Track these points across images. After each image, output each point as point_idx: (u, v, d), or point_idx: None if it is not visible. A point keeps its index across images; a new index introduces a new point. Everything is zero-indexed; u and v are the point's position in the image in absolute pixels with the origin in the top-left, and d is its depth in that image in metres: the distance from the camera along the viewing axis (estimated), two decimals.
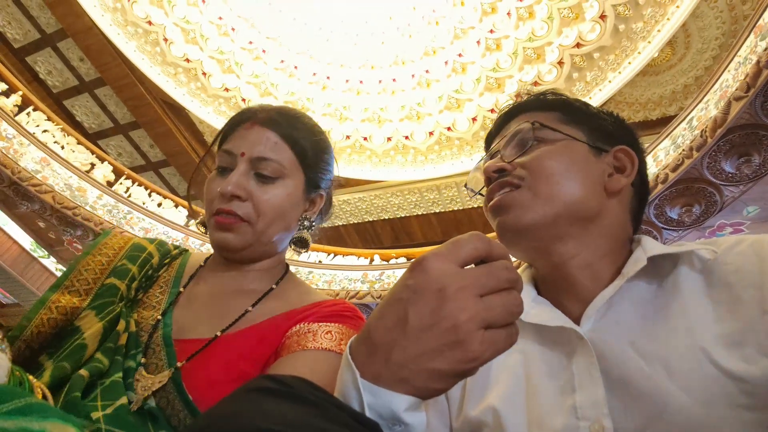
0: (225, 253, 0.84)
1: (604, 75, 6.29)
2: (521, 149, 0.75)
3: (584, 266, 0.69)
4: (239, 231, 0.80)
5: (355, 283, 5.92)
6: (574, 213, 0.69)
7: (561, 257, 0.70)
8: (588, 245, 0.70)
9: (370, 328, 0.44)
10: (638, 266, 0.64)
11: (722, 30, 6.41)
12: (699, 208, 4.19)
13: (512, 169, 0.72)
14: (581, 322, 0.65)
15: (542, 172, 0.70)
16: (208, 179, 0.86)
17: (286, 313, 0.78)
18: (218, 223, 0.80)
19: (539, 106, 0.80)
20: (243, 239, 0.81)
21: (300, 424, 0.35)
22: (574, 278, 0.70)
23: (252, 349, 0.72)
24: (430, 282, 0.41)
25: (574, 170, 0.71)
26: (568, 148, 0.73)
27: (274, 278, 0.88)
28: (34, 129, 5.55)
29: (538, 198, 0.69)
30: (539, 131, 0.75)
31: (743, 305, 0.57)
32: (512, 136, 0.77)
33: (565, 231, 0.69)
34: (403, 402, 0.41)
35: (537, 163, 0.71)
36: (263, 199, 0.81)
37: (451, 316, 0.40)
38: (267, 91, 7.34)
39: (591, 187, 0.70)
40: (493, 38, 6.39)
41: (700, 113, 4.11)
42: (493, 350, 0.41)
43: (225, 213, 0.80)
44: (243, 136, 0.84)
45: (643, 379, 0.57)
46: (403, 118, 7.44)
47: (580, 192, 0.69)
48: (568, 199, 0.69)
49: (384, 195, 8.44)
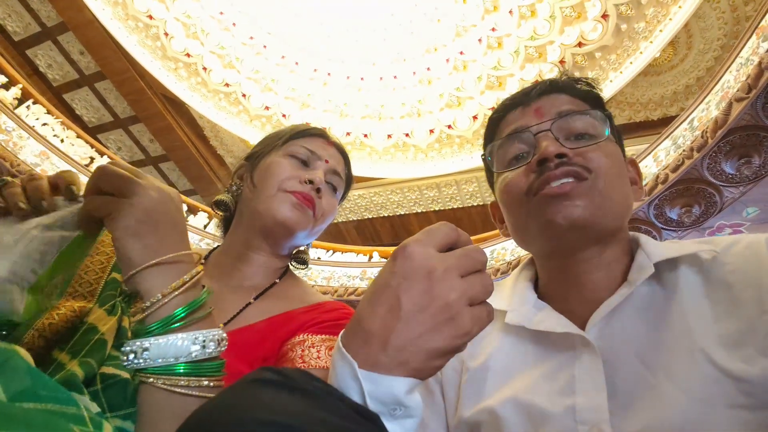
0: (279, 229, 0.86)
1: (606, 74, 6.28)
2: (581, 139, 0.71)
3: (602, 267, 0.69)
4: (308, 218, 0.86)
5: (353, 280, 5.92)
6: (619, 220, 0.69)
7: (589, 257, 0.69)
8: (611, 249, 0.69)
9: (361, 319, 0.45)
10: (645, 274, 0.63)
11: (724, 31, 6.40)
12: (699, 209, 4.19)
13: (572, 157, 0.68)
14: (587, 327, 0.65)
15: (607, 172, 0.68)
16: (275, 159, 0.90)
17: (287, 314, 0.79)
18: (298, 199, 0.85)
19: (583, 96, 0.76)
20: (304, 226, 0.86)
21: (300, 415, 0.35)
22: (589, 278, 0.69)
23: (250, 350, 0.73)
24: (418, 266, 0.43)
25: (624, 176, 0.71)
26: (615, 152, 0.72)
27: (275, 275, 0.89)
28: (34, 122, 5.54)
29: (603, 198, 0.66)
30: (600, 125, 0.71)
31: (742, 305, 0.57)
32: (569, 118, 0.71)
33: (608, 235, 0.68)
34: (404, 385, 0.42)
35: (605, 161, 0.68)
36: (327, 204, 0.91)
37: (442, 296, 0.43)
38: (267, 87, 7.32)
39: (630, 195, 0.72)
40: (494, 36, 6.38)
41: (701, 114, 4.10)
42: (479, 325, 0.44)
43: (306, 198, 0.86)
44: (324, 147, 0.95)
45: (647, 389, 0.57)
46: (403, 115, 7.43)
47: (627, 200, 0.70)
48: (621, 205, 0.69)
49: (383, 192, 8.43)
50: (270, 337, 0.74)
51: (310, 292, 0.89)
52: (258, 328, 0.76)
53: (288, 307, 0.80)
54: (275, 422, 0.33)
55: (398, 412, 0.43)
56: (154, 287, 0.51)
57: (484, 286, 0.45)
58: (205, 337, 0.50)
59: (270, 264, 0.89)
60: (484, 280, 0.46)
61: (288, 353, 0.71)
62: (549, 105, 0.74)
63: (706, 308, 0.60)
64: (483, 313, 0.45)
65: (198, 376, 0.49)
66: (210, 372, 0.50)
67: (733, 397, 0.52)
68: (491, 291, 0.46)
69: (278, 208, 0.83)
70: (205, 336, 0.50)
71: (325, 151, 0.93)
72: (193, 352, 0.49)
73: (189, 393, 0.48)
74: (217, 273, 0.86)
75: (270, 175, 0.86)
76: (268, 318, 0.77)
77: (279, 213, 0.83)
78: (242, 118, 7.62)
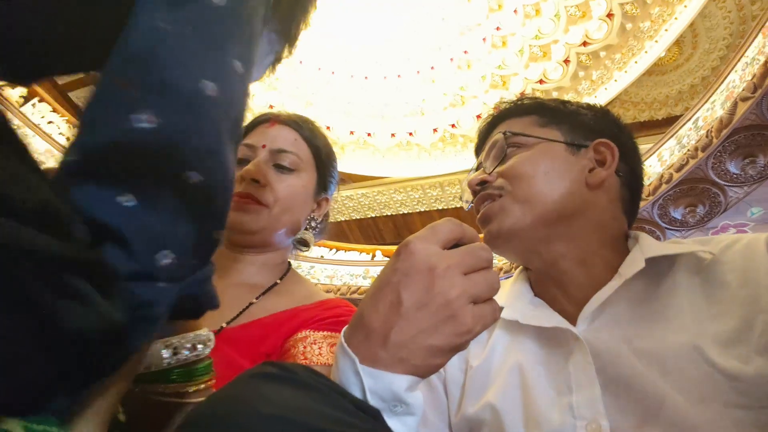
0: (238, 235, 0.85)
1: (611, 74, 6.25)
2: (498, 159, 0.78)
3: (577, 263, 0.70)
4: (255, 213, 0.84)
5: (356, 278, 5.93)
6: (555, 212, 0.70)
7: (551, 256, 0.71)
8: (577, 242, 0.71)
9: (363, 315, 0.45)
10: (636, 268, 0.64)
11: (730, 30, 6.37)
12: (703, 209, 4.17)
13: (493, 180, 0.75)
14: (577, 322, 0.66)
15: (519, 177, 0.72)
16: None
17: (290, 311, 0.79)
18: (236, 203, 0.83)
19: (516, 113, 0.83)
20: (258, 222, 0.84)
21: (302, 409, 0.35)
22: (568, 276, 0.70)
23: (254, 346, 0.73)
24: (419, 263, 0.43)
25: (551, 171, 0.72)
26: (543, 150, 0.75)
27: (277, 274, 0.89)
28: (39, 120, 5.57)
29: (517, 203, 0.71)
30: (513, 139, 0.77)
31: (739, 304, 0.57)
32: (490, 148, 0.80)
33: (550, 231, 0.71)
34: (403, 382, 0.42)
35: (513, 170, 0.74)
36: (280, 187, 0.86)
37: (443, 293, 0.42)
38: (271, 86, 7.33)
39: (570, 184, 0.72)
40: (499, 35, 6.36)
41: (706, 113, 4.08)
42: (482, 323, 0.44)
43: (243, 196, 0.83)
44: (264, 132, 0.90)
45: (638, 379, 0.57)
46: (407, 114, 7.42)
47: (559, 191, 0.71)
48: (547, 199, 0.70)
49: (387, 191, 8.42)
50: (273, 334, 0.75)
51: (313, 290, 0.89)
52: (261, 323, 0.76)
53: (292, 304, 0.81)
54: (277, 416, 0.33)
55: (399, 409, 0.43)
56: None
57: (489, 284, 0.45)
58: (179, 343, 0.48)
59: (269, 261, 0.89)
60: (489, 277, 0.45)
61: (290, 349, 0.71)
62: (489, 140, 0.83)
63: (702, 306, 0.60)
64: (486, 311, 0.44)
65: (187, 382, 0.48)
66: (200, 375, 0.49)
67: (728, 396, 0.53)
68: (497, 289, 0.45)
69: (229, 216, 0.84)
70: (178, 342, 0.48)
71: (265, 135, 0.90)
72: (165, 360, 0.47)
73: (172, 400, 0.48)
74: (220, 272, 0.86)
75: None
76: (272, 314, 0.78)
77: (229, 222, 0.84)
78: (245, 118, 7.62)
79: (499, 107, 0.87)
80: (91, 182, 0.32)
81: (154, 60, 0.35)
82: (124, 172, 0.33)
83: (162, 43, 0.35)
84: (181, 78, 0.35)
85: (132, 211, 0.32)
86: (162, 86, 0.34)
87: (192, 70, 0.36)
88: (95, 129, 0.34)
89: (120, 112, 0.33)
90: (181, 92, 0.35)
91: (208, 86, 0.36)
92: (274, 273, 0.89)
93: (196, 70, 0.36)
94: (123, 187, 0.32)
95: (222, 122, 0.38)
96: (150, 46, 0.35)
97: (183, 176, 0.35)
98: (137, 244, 0.32)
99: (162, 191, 0.34)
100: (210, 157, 0.37)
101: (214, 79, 0.37)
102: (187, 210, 0.35)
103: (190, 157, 0.35)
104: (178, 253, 0.34)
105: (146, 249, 0.33)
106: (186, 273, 0.36)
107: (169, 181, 0.34)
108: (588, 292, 0.67)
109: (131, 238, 0.32)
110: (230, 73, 0.39)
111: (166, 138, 0.34)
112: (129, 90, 0.34)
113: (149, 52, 0.35)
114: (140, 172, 0.33)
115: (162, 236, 0.34)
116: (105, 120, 0.34)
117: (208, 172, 0.36)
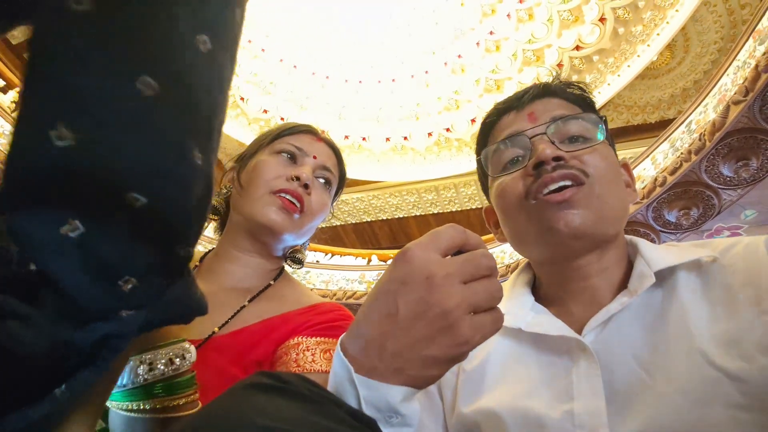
0: (265, 233, 0.85)
1: (603, 78, 6.29)
2: (576, 141, 0.70)
3: (600, 272, 0.69)
4: (291, 221, 0.84)
5: (352, 283, 5.91)
6: (617, 224, 0.69)
7: (588, 263, 0.69)
8: (610, 253, 0.70)
9: (360, 323, 0.44)
10: (646, 284, 0.63)
11: (721, 34, 6.43)
12: (697, 212, 4.19)
13: (569, 160, 0.68)
14: (583, 332, 0.65)
15: (605, 176, 0.68)
16: (263, 159, 0.88)
17: (282, 316, 0.78)
18: (283, 203, 0.82)
19: (576, 100, 0.77)
20: (292, 228, 0.84)
21: (296, 420, 0.34)
22: (588, 283, 0.69)
23: (244, 354, 0.72)
24: (417, 271, 0.42)
25: (620, 180, 0.71)
26: (612, 155, 0.73)
27: (269, 277, 0.88)
28: None
29: (601, 202, 0.66)
30: (596, 130, 0.71)
31: (740, 305, 0.57)
32: (564, 122, 0.71)
33: (607, 241, 0.69)
34: (399, 393, 0.41)
35: (602, 164, 0.68)
36: (318, 200, 0.88)
37: (440, 303, 0.41)
38: (266, 90, 7.32)
39: (624, 199, 0.71)
40: (492, 40, 6.39)
41: (699, 117, 4.11)
42: (481, 334, 0.42)
43: (292, 195, 0.83)
44: (311, 143, 0.92)
45: (645, 392, 0.57)
46: (401, 118, 7.43)
47: (624, 203, 0.70)
48: (618, 209, 0.69)
49: (382, 195, 8.42)
50: (264, 341, 0.74)
51: (305, 293, 0.88)
52: (252, 330, 0.75)
53: (283, 309, 0.80)
54: (272, 428, 0.33)
55: (394, 420, 0.42)
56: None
57: (489, 293, 0.43)
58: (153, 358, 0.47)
59: (263, 266, 0.88)
60: (490, 286, 0.43)
61: (283, 357, 0.70)
62: (542, 109, 0.74)
63: (704, 309, 0.60)
64: (486, 322, 0.43)
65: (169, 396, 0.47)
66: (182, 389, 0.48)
67: (731, 398, 0.52)
68: (498, 298, 0.44)
69: (263, 211, 0.82)
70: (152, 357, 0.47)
71: (314, 147, 0.91)
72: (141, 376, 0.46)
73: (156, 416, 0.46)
74: (211, 276, 0.85)
75: (257, 176, 0.85)
76: (263, 320, 0.77)
77: (264, 216, 0.82)
78: (240, 122, 7.61)
79: (557, 80, 0.80)
80: (30, 213, 0.27)
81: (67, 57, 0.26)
82: (64, 199, 0.28)
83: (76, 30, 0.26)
84: (105, 78, 0.27)
85: (75, 244, 0.27)
86: (78, 92, 0.27)
87: (120, 65, 0.27)
88: (19, 150, 0.28)
89: (38, 128, 0.27)
90: (104, 98, 0.27)
91: (146, 83, 0.28)
92: (268, 276, 0.89)
93: (128, 62, 0.28)
94: (65, 215, 0.27)
95: (175, 128, 0.31)
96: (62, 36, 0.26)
97: (127, 198, 0.29)
98: (83, 287, 0.28)
99: (107, 216, 0.29)
100: (157, 177, 0.30)
101: (153, 73, 0.28)
102: (140, 233, 0.30)
103: (128, 177, 0.29)
104: (139, 276, 0.31)
105: (99, 284, 0.29)
106: (154, 294, 0.33)
107: (112, 206, 0.29)
108: (599, 299, 0.67)
109: (76, 285, 0.28)
110: (186, 53, 0.30)
111: (91, 158, 0.28)
112: (45, 99, 0.27)
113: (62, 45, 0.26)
114: (80, 198, 0.28)
115: (117, 264, 0.30)
116: (25, 139, 0.28)
117: (157, 193, 0.30)
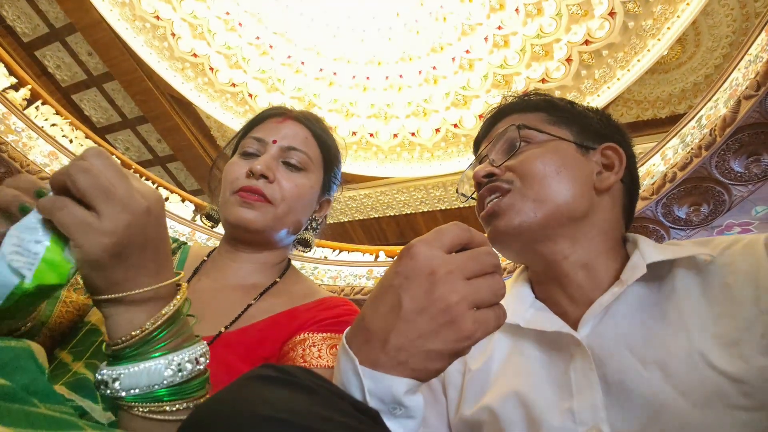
0: (241, 232, 0.84)
1: (613, 72, 6.24)
2: (509, 152, 0.75)
3: (580, 266, 0.70)
4: (261, 210, 0.82)
5: (360, 279, 5.93)
6: (565, 213, 0.69)
7: (554, 256, 0.70)
8: (582, 244, 0.70)
9: (365, 317, 0.45)
10: (637, 274, 0.63)
11: (733, 28, 6.34)
12: (707, 208, 4.15)
13: (501, 173, 0.73)
14: (579, 326, 0.65)
15: (531, 174, 0.71)
16: (229, 162, 0.88)
17: (289, 311, 0.78)
18: (242, 198, 0.81)
19: (524, 108, 0.81)
20: (263, 220, 0.82)
21: (301, 411, 0.35)
22: (570, 279, 0.70)
23: (253, 350, 0.72)
24: (421, 267, 0.43)
25: (563, 171, 0.71)
26: (555, 148, 0.73)
27: (277, 273, 0.88)
28: (43, 123, 5.59)
29: (527, 200, 0.70)
30: (525, 133, 0.75)
31: (740, 305, 0.57)
32: (497, 139, 0.78)
33: (557, 231, 0.70)
34: (402, 385, 0.42)
35: (525, 165, 0.72)
36: (288, 185, 0.84)
37: (443, 298, 0.42)
38: (274, 87, 7.34)
39: (580, 186, 0.71)
40: (500, 35, 6.35)
41: (710, 112, 4.06)
42: (484, 329, 0.43)
43: (250, 191, 0.81)
44: (275, 127, 0.88)
45: (641, 384, 0.57)
46: (409, 114, 7.42)
47: (570, 192, 0.70)
48: (559, 199, 0.69)
49: (390, 191, 8.42)
50: (271, 337, 0.74)
51: (312, 288, 0.88)
52: (260, 327, 0.75)
53: (290, 304, 0.80)
54: (276, 419, 0.33)
55: (398, 412, 0.43)
56: (119, 327, 0.46)
57: (493, 290, 0.44)
58: (181, 359, 0.47)
59: (267, 260, 0.88)
60: (493, 283, 0.44)
61: (289, 353, 0.70)
62: (495, 132, 0.81)
63: (703, 309, 0.59)
64: (489, 317, 0.44)
65: (181, 399, 0.47)
66: (192, 392, 0.48)
67: (732, 398, 0.52)
68: (501, 295, 0.45)
69: (230, 212, 0.82)
70: (180, 358, 0.47)
71: (275, 131, 0.88)
72: (167, 378, 0.46)
73: (167, 419, 0.46)
74: (217, 273, 0.86)
75: (224, 180, 0.86)
76: (270, 317, 0.77)
77: (231, 216, 0.82)
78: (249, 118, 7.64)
79: (506, 100, 0.85)
80: None
81: None
82: None
83: None
84: None
85: None
86: None
87: None
88: None
89: None
90: None
91: None
92: (273, 272, 0.88)
93: None
94: None
95: None
96: None
97: None
98: None
99: None
100: None
101: None
102: None
103: None
104: None
105: None
106: None
107: None
108: (589, 296, 0.67)
109: None
110: None
111: None
112: None
113: None
114: None
115: None
116: None
117: None
